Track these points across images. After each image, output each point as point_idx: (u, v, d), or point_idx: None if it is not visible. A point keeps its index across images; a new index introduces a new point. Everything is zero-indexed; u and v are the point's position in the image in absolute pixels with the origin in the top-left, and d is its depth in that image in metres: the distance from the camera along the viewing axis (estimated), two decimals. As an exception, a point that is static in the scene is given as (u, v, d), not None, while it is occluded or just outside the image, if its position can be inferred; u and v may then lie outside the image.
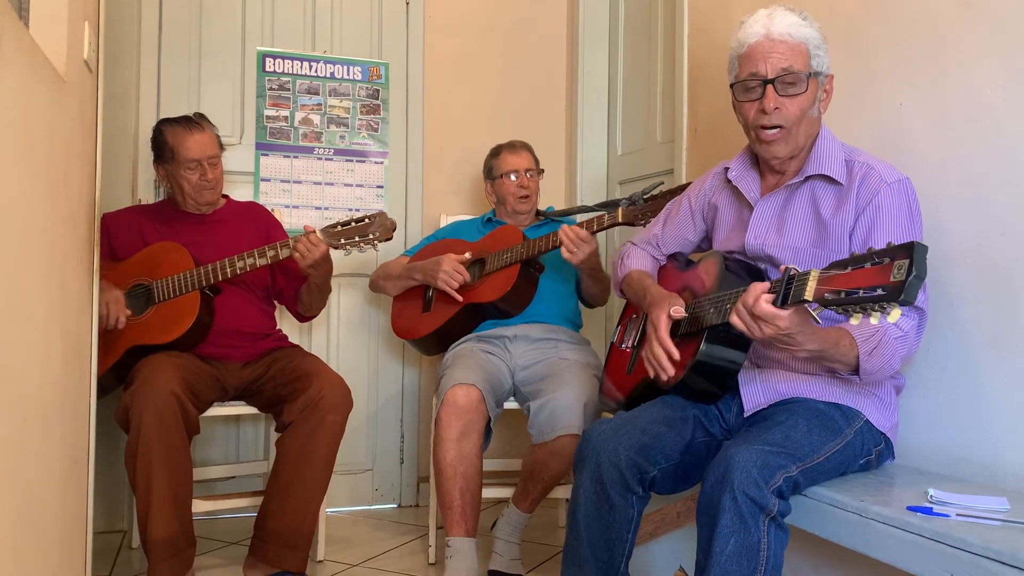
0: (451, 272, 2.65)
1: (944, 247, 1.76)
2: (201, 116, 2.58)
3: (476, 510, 2.38)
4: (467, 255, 2.70)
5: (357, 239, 2.40)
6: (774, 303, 1.45)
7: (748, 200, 1.86)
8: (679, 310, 1.76)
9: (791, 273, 1.44)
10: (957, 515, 1.37)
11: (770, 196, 1.82)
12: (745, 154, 1.91)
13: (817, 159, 1.75)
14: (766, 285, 1.48)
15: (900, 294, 1.22)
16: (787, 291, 1.43)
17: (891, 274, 1.25)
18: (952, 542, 1.29)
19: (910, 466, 1.81)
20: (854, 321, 1.31)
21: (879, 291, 1.25)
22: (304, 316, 2.76)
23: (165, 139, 2.52)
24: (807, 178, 1.77)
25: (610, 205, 2.67)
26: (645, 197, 2.44)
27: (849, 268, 1.32)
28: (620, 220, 2.42)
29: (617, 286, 2.15)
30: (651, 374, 1.81)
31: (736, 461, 1.47)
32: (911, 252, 1.23)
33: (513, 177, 2.82)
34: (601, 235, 2.51)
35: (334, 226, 2.41)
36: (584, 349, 2.67)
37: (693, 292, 1.84)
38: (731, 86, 1.78)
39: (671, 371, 1.75)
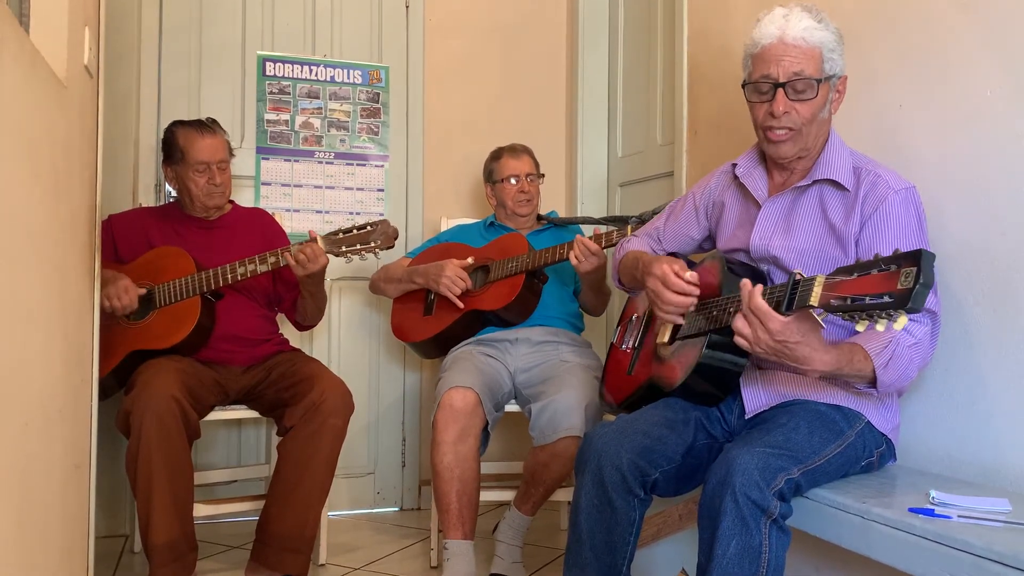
0: (453, 278, 2.64)
1: (944, 247, 1.76)
2: (213, 121, 2.60)
3: (473, 513, 2.38)
4: (470, 260, 2.70)
5: (359, 247, 2.39)
6: (777, 308, 1.45)
7: (755, 198, 1.86)
8: (692, 275, 1.72)
9: (796, 278, 1.44)
10: (959, 517, 1.37)
11: (777, 197, 1.82)
12: (753, 151, 1.91)
13: (826, 164, 1.75)
14: (758, 285, 1.48)
15: (907, 302, 1.22)
16: (792, 296, 1.43)
17: (898, 281, 1.25)
18: (954, 544, 1.29)
19: (912, 467, 1.81)
20: (860, 328, 1.31)
21: (886, 298, 1.25)
22: (302, 325, 2.75)
23: (176, 140, 2.53)
24: (814, 182, 1.76)
25: (618, 221, 2.67)
26: (655, 215, 2.44)
27: (855, 274, 1.32)
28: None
29: (615, 272, 2.15)
30: (671, 320, 1.78)
31: (737, 463, 1.47)
32: (919, 260, 1.23)
33: (514, 181, 2.82)
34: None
35: (335, 233, 2.41)
36: (585, 351, 2.67)
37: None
38: (743, 85, 1.78)
39: (696, 293, 1.72)
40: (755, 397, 1.75)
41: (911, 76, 1.87)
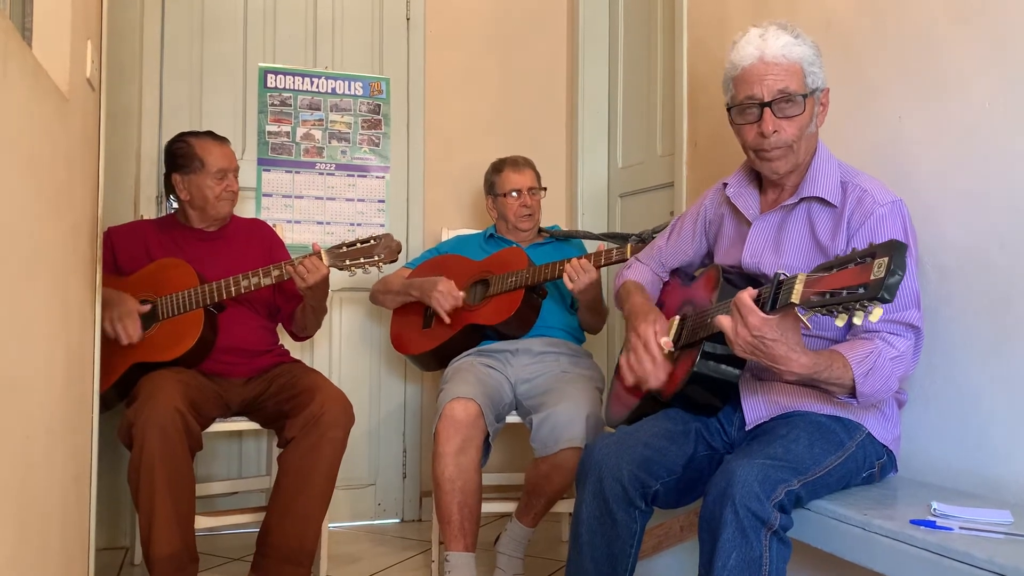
0: (445, 293, 2.64)
1: (943, 259, 1.77)
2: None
3: (475, 525, 2.37)
4: (461, 294, 2.67)
5: (362, 260, 2.41)
6: (763, 308, 1.45)
7: (747, 217, 1.86)
8: (667, 342, 1.79)
9: (780, 278, 1.45)
10: (961, 528, 1.37)
11: (767, 216, 1.82)
12: (742, 171, 1.91)
13: (812, 180, 1.75)
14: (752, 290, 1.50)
15: (879, 291, 1.23)
16: (776, 295, 1.44)
17: (871, 272, 1.25)
18: (956, 556, 1.29)
19: (913, 479, 1.80)
20: (839, 322, 1.31)
21: (860, 290, 1.26)
22: (298, 336, 2.75)
23: (192, 150, 2.54)
24: (801, 199, 1.76)
25: (618, 238, 2.67)
26: (654, 234, 2.44)
27: (834, 269, 1.33)
28: (628, 256, 2.42)
29: (615, 296, 2.16)
30: (629, 381, 1.85)
31: (737, 475, 1.47)
32: (891, 250, 1.24)
33: (516, 195, 2.82)
34: (604, 268, 2.55)
35: (339, 247, 2.42)
36: (586, 362, 2.67)
37: (694, 305, 1.85)
38: (728, 109, 1.78)
39: (658, 382, 1.78)
40: (755, 408, 1.75)
41: (910, 89, 1.88)
